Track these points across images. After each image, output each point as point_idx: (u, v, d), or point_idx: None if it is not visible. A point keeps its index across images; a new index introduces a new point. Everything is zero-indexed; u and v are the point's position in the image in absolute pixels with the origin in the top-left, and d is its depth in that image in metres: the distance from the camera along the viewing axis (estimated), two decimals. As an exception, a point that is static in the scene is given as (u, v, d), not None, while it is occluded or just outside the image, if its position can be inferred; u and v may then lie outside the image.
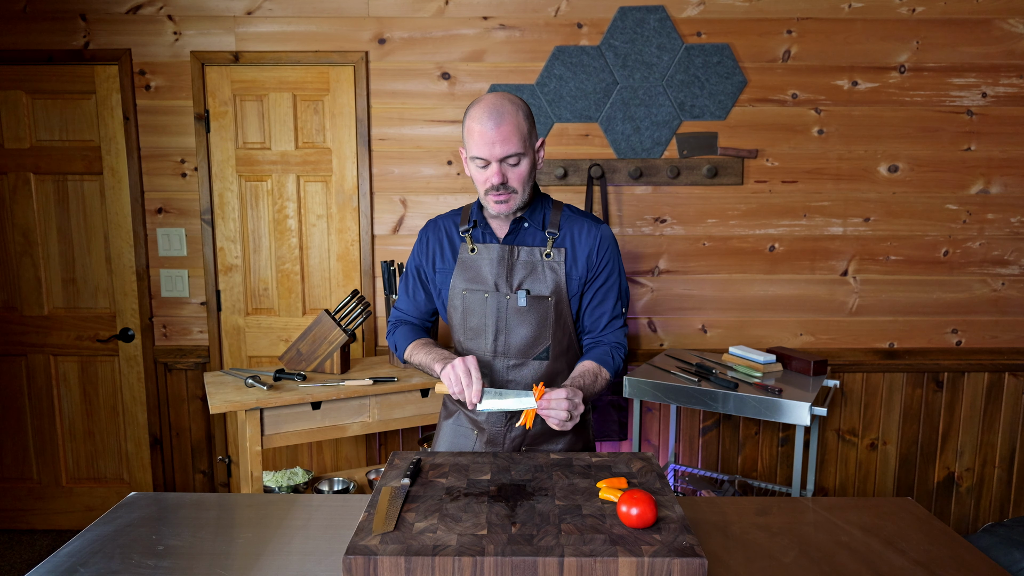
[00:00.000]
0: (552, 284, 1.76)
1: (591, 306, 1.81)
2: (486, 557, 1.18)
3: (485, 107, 1.65)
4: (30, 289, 3.29)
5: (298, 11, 3.09)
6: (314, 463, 3.38)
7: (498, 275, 1.76)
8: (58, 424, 3.38)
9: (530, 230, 1.78)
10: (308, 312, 3.29)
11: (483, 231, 1.81)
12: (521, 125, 1.65)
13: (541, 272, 1.76)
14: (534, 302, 1.75)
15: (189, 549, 1.45)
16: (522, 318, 1.76)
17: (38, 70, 3.15)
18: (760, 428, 3.31)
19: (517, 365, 1.79)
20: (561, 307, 1.78)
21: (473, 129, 1.65)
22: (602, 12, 3.08)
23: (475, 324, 1.79)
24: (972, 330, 3.27)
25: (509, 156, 1.65)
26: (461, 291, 1.80)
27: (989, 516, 3.38)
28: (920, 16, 3.08)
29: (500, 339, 1.78)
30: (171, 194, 3.21)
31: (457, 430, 1.90)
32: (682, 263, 3.24)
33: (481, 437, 1.85)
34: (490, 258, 1.78)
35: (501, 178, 1.66)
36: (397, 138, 3.17)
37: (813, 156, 3.17)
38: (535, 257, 1.77)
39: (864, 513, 1.62)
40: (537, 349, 1.78)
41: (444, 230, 1.85)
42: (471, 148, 1.67)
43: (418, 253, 1.88)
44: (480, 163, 1.67)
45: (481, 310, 1.78)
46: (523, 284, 1.76)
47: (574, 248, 1.77)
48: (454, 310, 1.82)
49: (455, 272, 1.81)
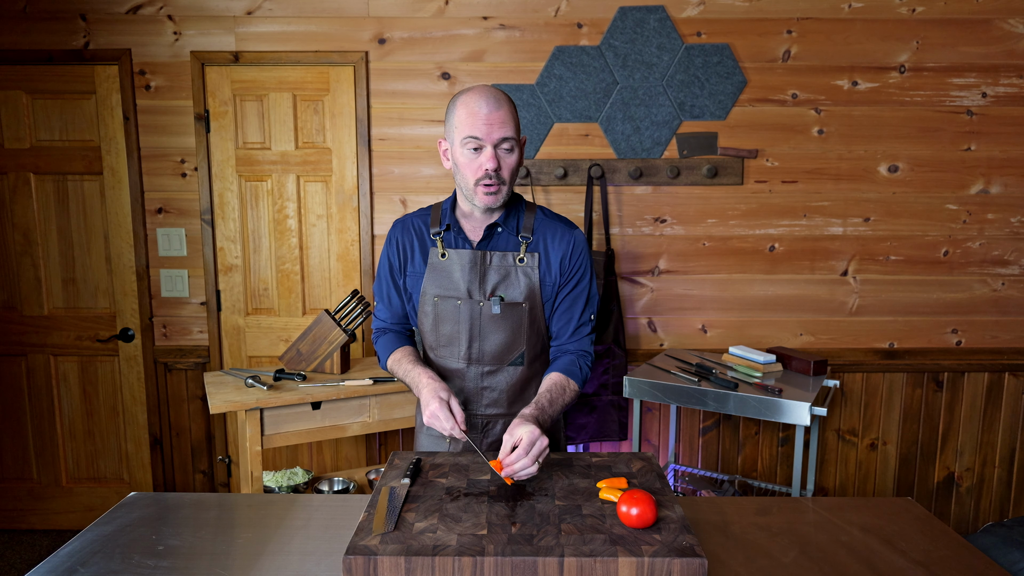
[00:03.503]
0: (526, 290, 1.71)
1: (559, 311, 1.76)
2: (486, 557, 1.18)
3: (479, 92, 1.60)
4: (30, 289, 3.29)
5: (298, 11, 3.09)
6: (314, 463, 3.38)
7: (471, 281, 1.71)
8: (58, 424, 3.37)
9: (503, 235, 1.73)
10: (308, 312, 3.29)
11: (455, 235, 1.74)
12: (515, 114, 1.63)
13: (515, 278, 1.71)
14: (508, 309, 1.71)
15: (189, 549, 1.45)
16: (496, 325, 1.71)
17: (38, 70, 3.15)
18: (760, 428, 3.31)
19: (491, 372, 1.75)
20: (535, 312, 1.73)
21: (467, 111, 1.59)
22: (602, 12, 3.08)
23: (448, 331, 1.74)
24: (972, 330, 3.27)
25: (504, 140, 1.60)
26: (433, 297, 1.74)
27: (989, 516, 3.38)
28: (920, 16, 3.08)
29: (474, 346, 1.73)
30: (171, 194, 3.21)
31: (431, 441, 1.87)
32: (682, 263, 3.24)
33: (455, 446, 1.81)
34: (461, 264, 1.71)
35: (496, 163, 1.59)
36: (397, 138, 3.17)
37: (813, 156, 3.17)
38: (508, 262, 1.71)
39: (864, 513, 1.62)
40: (512, 355, 1.74)
41: (414, 231, 1.77)
42: (463, 129, 1.59)
43: (388, 255, 1.79)
44: (472, 145, 1.59)
45: (454, 317, 1.72)
46: (496, 290, 1.71)
47: (547, 253, 1.72)
48: (425, 316, 1.77)
49: (426, 278, 1.74)
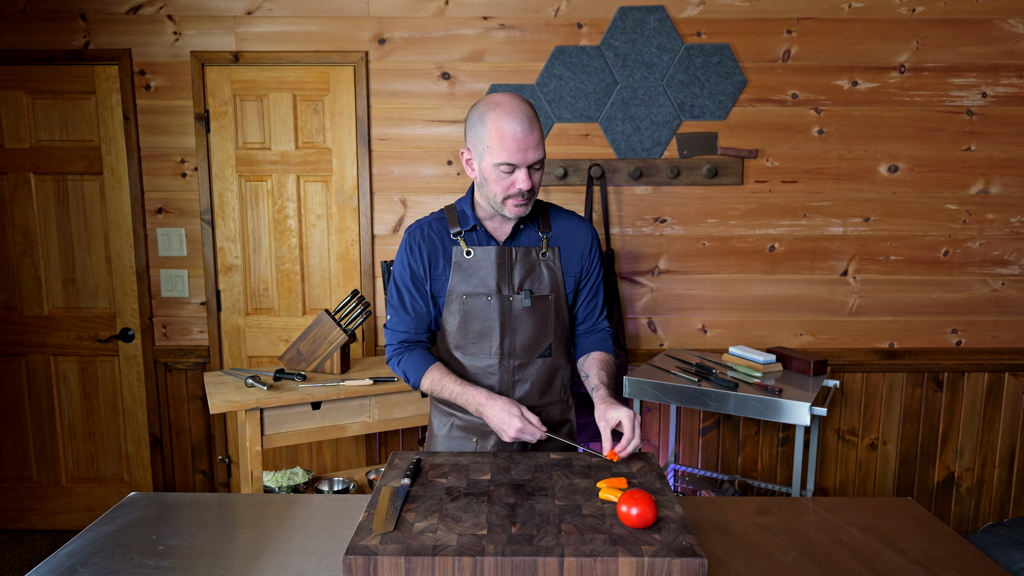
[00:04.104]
0: (550, 283, 1.79)
1: (586, 301, 1.89)
2: (486, 557, 1.18)
3: (513, 111, 1.61)
4: (30, 289, 3.29)
5: (298, 11, 3.09)
6: (314, 463, 3.38)
7: (499, 277, 1.77)
8: (58, 424, 3.37)
9: (525, 231, 1.81)
10: (308, 312, 3.29)
11: (478, 233, 1.79)
12: (541, 128, 1.67)
13: (540, 271, 1.79)
14: (537, 302, 1.78)
15: (189, 549, 1.45)
16: (526, 319, 1.78)
17: (38, 70, 3.15)
18: (760, 428, 3.31)
19: (522, 365, 1.81)
20: (560, 304, 1.82)
21: (499, 134, 1.60)
22: (602, 12, 3.08)
23: (478, 328, 1.78)
24: (972, 330, 3.27)
25: (537, 162, 1.65)
26: (461, 296, 1.77)
27: (989, 516, 3.38)
28: (920, 16, 3.08)
29: (506, 341, 1.79)
30: (171, 194, 3.21)
31: (451, 443, 1.88)
32: (682, 263, 3.23)
33: (484, 442, 1.84)
34: (489, 261, 1.76)
35: (531, 184, 1.65)
36: (397, 138, 3.17)
37: (813, 156, 3.17)
38: (532, 257, 1.79)
39: (864, 513, 1.62)
40: (541, 347, 1.81)
41: (434, 234, 1.78)
42: (497, 153, 1.61)
43: (410, 262, 1.79)
44: (506, 169, 1.62)
45: (484, 313, 1.77)
46: (524, 284, 1.78)
47: (567, 246, 1.82)
48: (452, 316, 1.79)
49: (452, 277, 1.77)
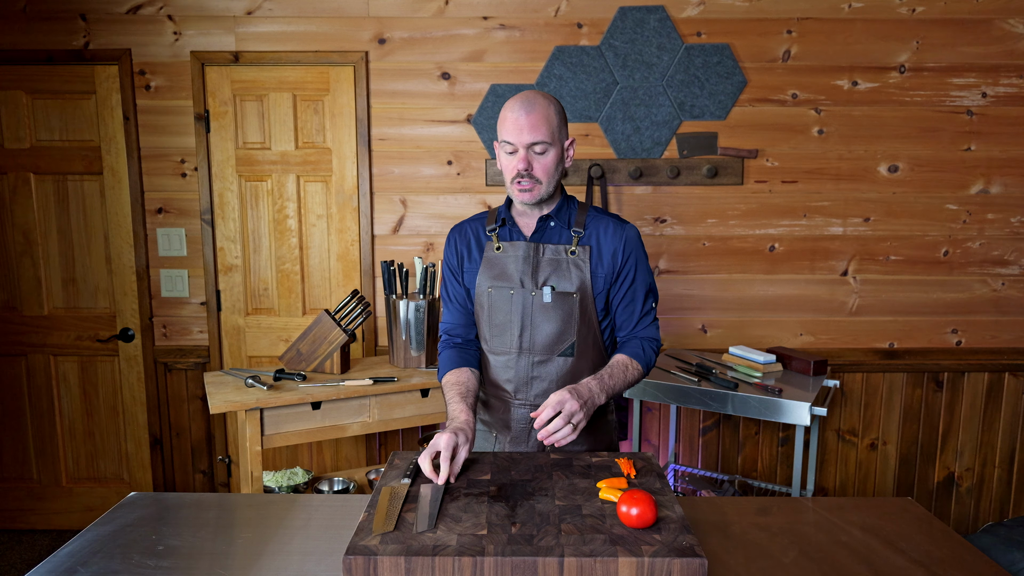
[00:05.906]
0: (577, 281, 1.78)
1: (622, 305, 1.84)
2: (486, 557, 1.18)
3: (520, 97, 1.73)
4: (30, 289, 3.29)
5: (298, 11, 3.09)
6: (314, 463, 3.38)
7: (523, 271, 1.79)
8: (58, 424, 3.37)
9: (556, 228, 1.81)
10: (308, 312, 3.29)
11: (510, 229, 1.84)
12: (551, 118, 1.72)
13: (566, 269, 1.79)
14: (559, 298, 1.78)
15: (189, 549, 1.45)
16: (547, 314, 1.78)
17: (38, 70, 3.15)
18: (760, 428, 3.31)
19: (542, 362, 1.81)
20: (586, 304, 1.79)
21: (506, 116, 1.72)
22: (602, 12, 3.08)
23: (500, 320, 1.81)
24: (972, 330, 3.27)
25: (536, 143, 1.70)
26: (487, 288, 1.82)
27: (989, 516, 3.37)
28: (920, 16, 3.08)
29: (525, 335, 1.80)
30: (171, 194, 3.21)
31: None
32: (682, 263, 3.23)
33: (503, 437, 1.85)
34: (515, 255, 1.81)
35: (526, 164, 1.71)
36: (397, 138, 3.17)
37: (813, 156, 3.16)
38: (560, 255, 1.79)
39: (864, 513, 1.62)
40: (562, 345, 1.80)
41: (470, 232, 1.89)
42: (502, 133, 1.73)
43: (447, 258, 1.92)
44: (509, 148, 1.72)
45: (506, 306, 1.80)
46: (548, 280, 1.78)
47: (599, 246, 1.80)
48: (480, 308, 1.85)
49: (481, 270, 1.84)
